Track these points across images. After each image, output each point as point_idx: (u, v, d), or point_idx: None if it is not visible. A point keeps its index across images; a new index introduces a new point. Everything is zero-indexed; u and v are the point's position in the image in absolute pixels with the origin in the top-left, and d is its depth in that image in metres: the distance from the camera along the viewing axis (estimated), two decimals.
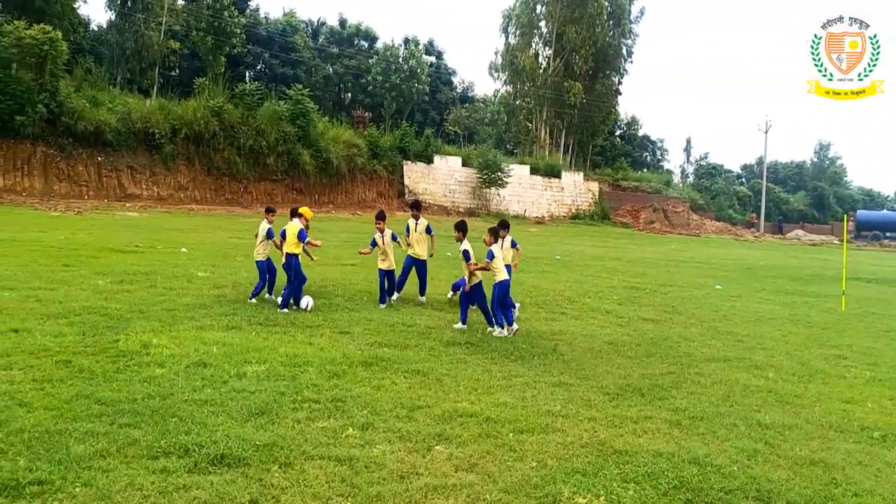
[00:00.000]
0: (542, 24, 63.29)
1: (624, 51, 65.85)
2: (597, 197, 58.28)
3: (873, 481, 5.54)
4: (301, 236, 11.41)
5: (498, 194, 50.84)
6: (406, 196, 47.01)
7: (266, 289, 11.95)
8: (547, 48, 62.93)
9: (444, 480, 4.98)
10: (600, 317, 12.69)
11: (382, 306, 11.87)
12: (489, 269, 10.44)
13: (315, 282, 13.62)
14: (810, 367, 9.61)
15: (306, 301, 11.08)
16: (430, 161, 49.23)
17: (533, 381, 7.79)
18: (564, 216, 54.67)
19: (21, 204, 28.49)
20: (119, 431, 5.34)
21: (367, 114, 53.71)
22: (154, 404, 5.98)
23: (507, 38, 64.68)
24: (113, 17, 45.69)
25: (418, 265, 12.80)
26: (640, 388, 7.78)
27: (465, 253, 10.60)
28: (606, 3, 60.12)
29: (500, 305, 10.41)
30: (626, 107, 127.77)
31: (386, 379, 7.43)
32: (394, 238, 12.57)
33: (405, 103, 59.50)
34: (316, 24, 66.58)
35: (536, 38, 63.91)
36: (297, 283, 11.24)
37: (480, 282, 10.72)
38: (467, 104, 68.52)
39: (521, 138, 66.09)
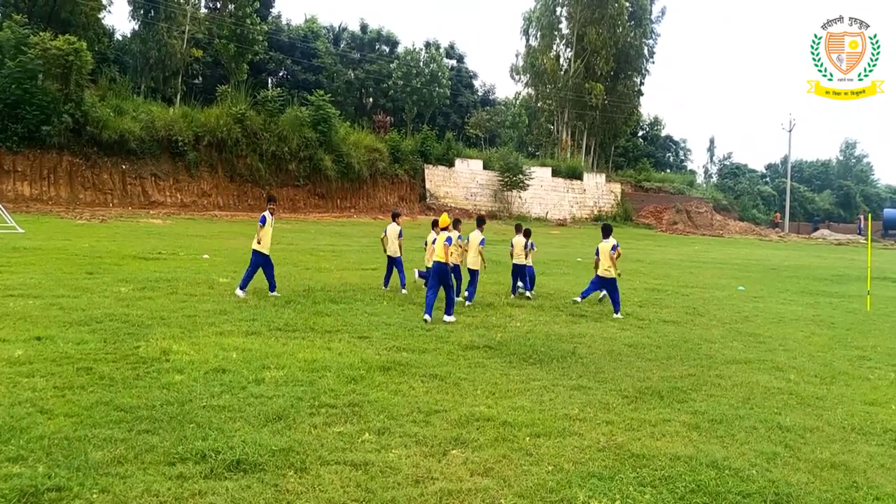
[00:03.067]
0: (563, 25, 63.08)
1: (645, 51, 65.36)
2: (619, 198, 57.88)
3: (895, 485, 5.44)
4: (448, 242, 12.08)
5: (519, 197, 50.71)
6: (427, 199, 47.09)
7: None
8: (568, 50, 62.69)
9: (459, 485, 4.98)
10: (620, 320, 12.60)
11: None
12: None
13: (335, 286, 13.70)
14: (833, 368, 9.47)
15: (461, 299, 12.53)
16: (451, 164, 49.25)
17: (551, 385, 7.77)
18: (586, 218, 54.36)
19: (47, 213, 28.98)
20: (137, 438, 5.42)
21: (388, 118, 53.86)
22: (172, 410, 6.05)
23: (527, 40, 64.62)
24: (136, 27, 46.33)
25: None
26: (659, 391, 7.72)
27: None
28: (627, 4, 59.75)
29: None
30: (649, 107, 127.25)
31: (403, 383, 7.45)
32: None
33: (426, 107, 59.56)
34: (337, 29, 66.89)
35: (557, 40, 63.67)
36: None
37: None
38: (488, 107, 68.39)
39: (542, 140, 65.88)
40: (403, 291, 14.10)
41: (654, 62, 69.54)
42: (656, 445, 5.99)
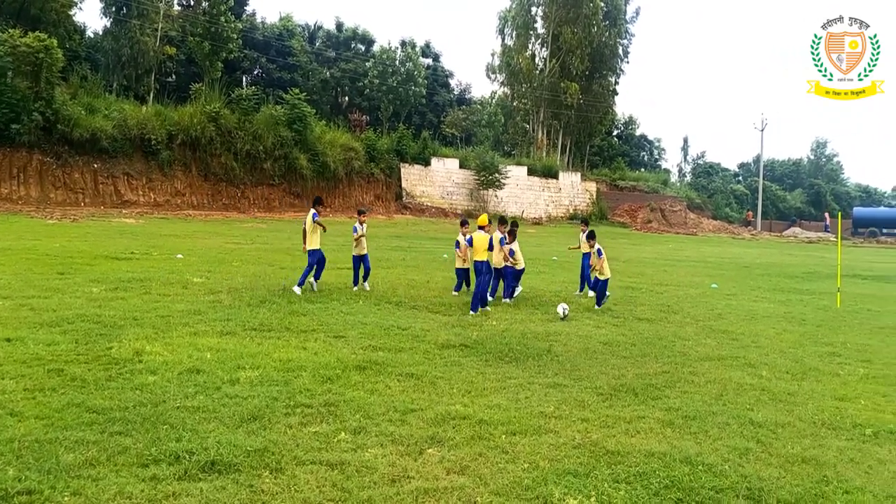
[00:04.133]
0: (539, 25, 63.38)
1: (620, 51, 65.87)
2: (594, 197, 58.27)
3: (864, 478, 5.55)
4: (490, 246, 13.13)
5: (496, 195, 50.84)
6: (404, 198, 47.01)
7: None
8: (543, 49, 62.99)
9: (435, 483, 4.99)
10: (595, 317, 12.70)
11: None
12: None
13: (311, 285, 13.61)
14: (804, 364, 9.62)
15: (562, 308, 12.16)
16: (427, 163, 49.22)
17: (527, 383, 7.80)
18: (562, 217, 54.65)
19: (17, 212, 28.47)
20: (109, 440, 5.35)
21: (364, 117, 53.67)
22: (145, 412, 5.98)
23: (503, 39, 64.80)
24: (108, 24, 45.64)
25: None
26: (634, 388, 7.79)
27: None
28: (602, 4, 60.13)
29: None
30: (624, 107, 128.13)
31: (379, 382, 7.44)
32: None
33: (402, 106, 59.45)
34: (312, 28, 66.50)
35: (533, 39, 63.95)
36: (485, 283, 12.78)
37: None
38: (464, 106, 68.46)
39: (518, 139, 66.11)
40: (366, 286, 14.16)
41: (628, 62, 70.24)
42: (631, 442, 6.04)
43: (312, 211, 13.66)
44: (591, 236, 14.29)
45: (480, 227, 13.38)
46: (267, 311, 11.09)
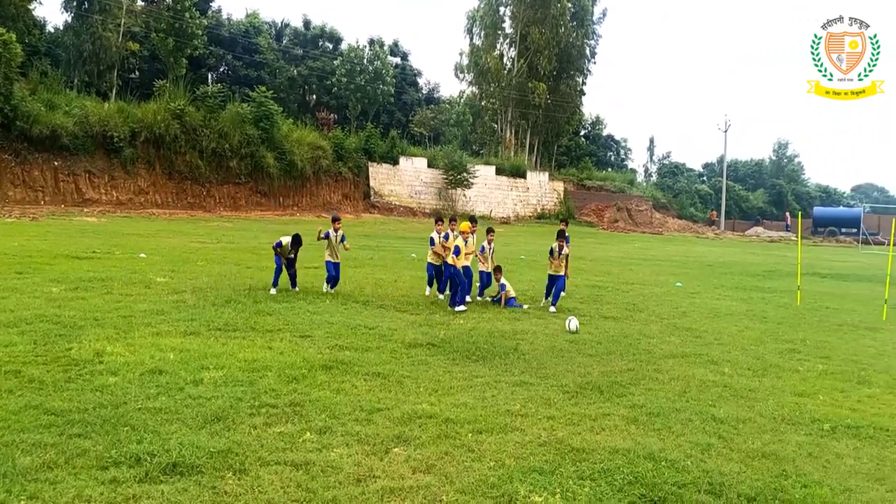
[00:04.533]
0: (507, 24, 63.71)
1: (587, 51, 66.47)
2: (562, 196, 58.73)
3: (822, 472, 5.67)
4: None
5: (464, 195, 50.96)
6: (372, 197, 46.84)
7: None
8: (511, 49, 63.29)
9: (400, 483, 4.97)
10: (562, 316, 12.77)
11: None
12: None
13: (279, 285, 13.49)
14: (765, 361, 9.80)
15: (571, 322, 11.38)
16: (395, 162, 49.15)
17: (494, 381, 7.82)
18: (530, 216, 54.97)
19: None
20: (68, 442, 5.24)
21: (331, 115, 53.42)
22: (106, 413, 5.87)
23: (471, 39, 64.98)
24: (69, 19, 44.78)
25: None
26: (600, 386, 7.86)
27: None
28: (569, 4, 60.63)
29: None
30: (591, 107, 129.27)
31: (346, 382, 7.40)
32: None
33: (370, 105, 59.27)
34: (279, 25, 66.01)
35: (501, 39, 64.23)
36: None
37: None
38: (433, 105, 68.53)
39: (486, 139, 66.33)
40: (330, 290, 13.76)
41: (595, 62, 70.71)
42: (596, 439, 6.09)
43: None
44: (560, 235, 14.24)
45: (461, 233, 13.23)
46: (232, 310, 10.96)
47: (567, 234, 14.63)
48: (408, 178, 49.68)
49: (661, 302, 15.41)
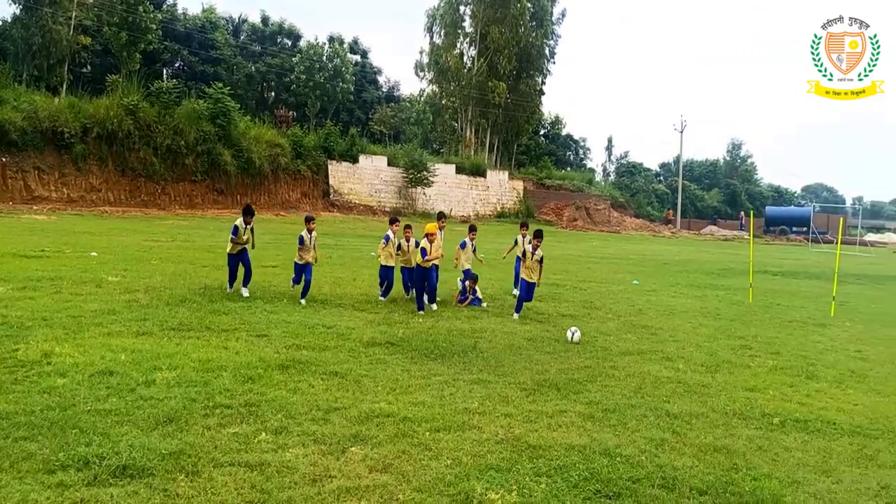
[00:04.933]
0: (467, 23, 63.73)
1: (547, 51, 66.92)
2: (521, 195, 59.06)
3: (771, 465, 5.80)
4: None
5: (424, 193, 50.91)
6: (331, 196, 46.48)
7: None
8: (472, 48, 63.40)
9: (357, 482, 4.94)
10: (521, 313, 12.84)
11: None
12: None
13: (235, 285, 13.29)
14: (718, 357, 10.00)
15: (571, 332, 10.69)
16: (355, 161, 48.85)
17: (452, 380, 7.83)
18: (490, 215, 55.17)
19: None
20: (13, 446, 5.08)
21: (290, 113, 52.87)
22: (53, 416, 5.71)
23: (431, 37, 64.92)
24: (18, 11, 43.49)
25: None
26: (557, 383, 7.92)
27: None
28: (529, 4, 60.97)
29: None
30: (550, 107, 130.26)
31: (302, 382, 7.33)
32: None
33: (330, 102, 58.82)
34: (237, 21, 65.09)
35: (461, 38, 64.25)
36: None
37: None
38: (393, 103, 68.31)
39: (446, 137, 66.37)
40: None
41: (555, 62, 71.06)
42: (552, 436, 6.13)
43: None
44: (537, 234, 13.07)
45: (429, 234, 12.48)
46: (186, 310, 10.76)
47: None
48: (368, 177, 49.43)
49: (618, 300, 15.60)
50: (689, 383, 8.32)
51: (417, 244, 12.87)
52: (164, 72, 55.83)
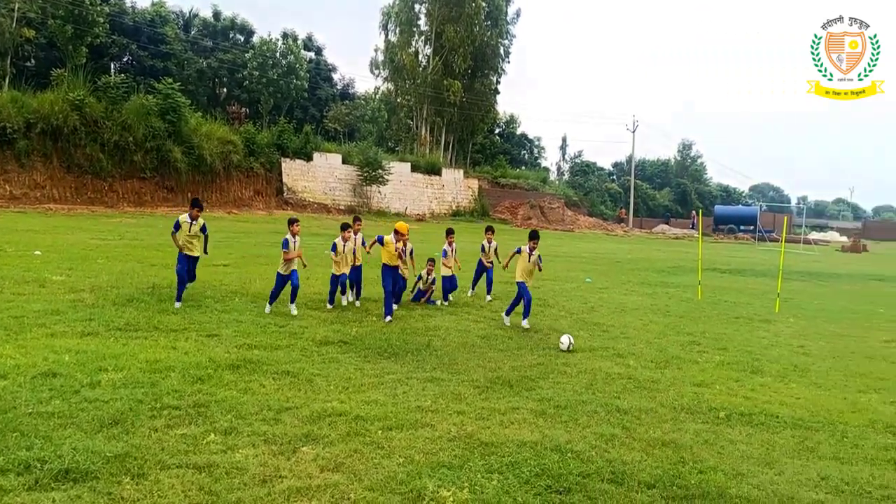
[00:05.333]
0: (422, 22, 63.61)
1: (501, 51, 67.15)
2: (476, 194, 59.26)
3: (717, 458, 5.94)
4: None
5: (379, 192, 50.68)
6: (285, 194, 45.96)
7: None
8: (427, 46, 63.33)
9: (308, 482, 4.91)
10: (475, 312, 12.92)
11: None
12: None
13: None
14: (667, 353, 10.19)
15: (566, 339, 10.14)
16: (309, 158, 48.35)
17: (405, 378, 7.82)
18: (445, 213, 55.21)
19: None
20: None
21: (243, 110, 52.13)
22: None
23: (387, 35, 64.65)
24: None
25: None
26: (509, 381, 7.98)
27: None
28: (484, 4, 61.13)
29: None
30: (505, 106, 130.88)
31: (254, 381, 7.24)
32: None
33: (283, 99, 58.07)
34: (188, 15, 63.71)
35: (416, 36, 64.10)
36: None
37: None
38: (348, 101, 67.79)
39: (401, 136, 66.18)
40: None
41: (509, 62, 71.47)
42: (505, 433, 6.18)
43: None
44: (533, 236, 12.86)
45: (398, 232, 11.96)
46: (134, 309, 10.53)
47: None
48: (322, 175, 48.99)
49: (570, 297, 15.78)
50: (640, 379, 8.46)
51: (381, 240, 12.30)
52: (112, 66, 54.38)
